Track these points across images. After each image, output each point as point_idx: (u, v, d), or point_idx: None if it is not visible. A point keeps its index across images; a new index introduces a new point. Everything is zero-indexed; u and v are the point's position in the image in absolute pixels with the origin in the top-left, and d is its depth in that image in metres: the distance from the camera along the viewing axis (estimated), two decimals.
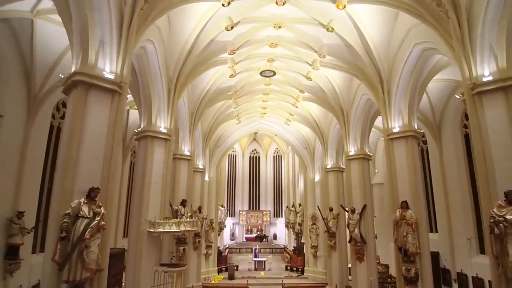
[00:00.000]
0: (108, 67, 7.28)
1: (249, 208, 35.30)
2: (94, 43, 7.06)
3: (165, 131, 11.41)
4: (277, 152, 35.93)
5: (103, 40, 7.24)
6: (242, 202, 35.25)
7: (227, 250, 27.90)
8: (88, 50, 6.95)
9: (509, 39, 7.32)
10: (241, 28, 12.35)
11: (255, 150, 36.86)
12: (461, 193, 14.29)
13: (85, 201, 6.35)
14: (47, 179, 12.49)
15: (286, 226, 31.05)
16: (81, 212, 6.22)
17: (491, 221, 6.80)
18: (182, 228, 10.54)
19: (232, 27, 11.88)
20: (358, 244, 14.61)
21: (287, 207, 30.87)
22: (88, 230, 6.09)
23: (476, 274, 12.95)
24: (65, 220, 6.09)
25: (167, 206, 11.69)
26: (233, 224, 33.90)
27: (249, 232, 34.00)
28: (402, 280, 10.52)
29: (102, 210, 6.42)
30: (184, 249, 14.15)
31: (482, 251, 13.34)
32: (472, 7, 7.68)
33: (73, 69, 7.13)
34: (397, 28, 11.02)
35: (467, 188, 14.18)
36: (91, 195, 6.41)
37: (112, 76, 7.21)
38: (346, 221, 15.30)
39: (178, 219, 10.68)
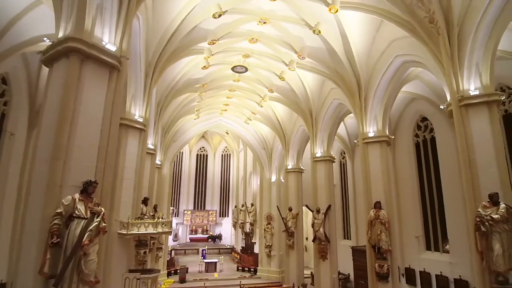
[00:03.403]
0: (107, 38, 6.07)
1: (194, 208, 33.91)
2: (92, 6, 5.81)
3: (140, 120, 10.14)
4: (226, 151, 35.28)
5: (102, 5, 6.01)
6: (187, 202, 33.66)
7: (172, 251, 26.29)
8: (85, 13, 5.67)
9: (493, 58, 8.26)
10: (225, 18, 11.74)
11: (203, 148, 35.61)
12: (411, 195, 15.78)
13: (80, 198, 5.13)
14: None
15: (234, 226, 30.67)
16: (76, 212, 5.00)
17: (477, 219, 7.54)
18: (160, 230, 9.46)
19: (220, 15, 11.23)
20: (323, 243, 15.07)
21: (235, 206, 30.50)
22: (87, 233, 4.91)
23: (424, 268, 14.42)
24: (55, 222, 4.80)
25: (140, 205, 10.39)
26: (177, 224, 32.13)
27: (193, 233, 32.66)
28: (375, 276, 11.13)
29: (102, 209, 5.28)
30: (145, 252, 12.76)
31: (428, 248, 14.93)
32: (464, 26, 8.46)
33: (60, 34, 5.77)
34: (379, 38, 11.62)
35: (417, 191, 15.70)
36: (89, 190, 5.20)
37: (113, 48, 6.03)
38: (311, 221, 15.66)
39: (156, 220, 9.54)
